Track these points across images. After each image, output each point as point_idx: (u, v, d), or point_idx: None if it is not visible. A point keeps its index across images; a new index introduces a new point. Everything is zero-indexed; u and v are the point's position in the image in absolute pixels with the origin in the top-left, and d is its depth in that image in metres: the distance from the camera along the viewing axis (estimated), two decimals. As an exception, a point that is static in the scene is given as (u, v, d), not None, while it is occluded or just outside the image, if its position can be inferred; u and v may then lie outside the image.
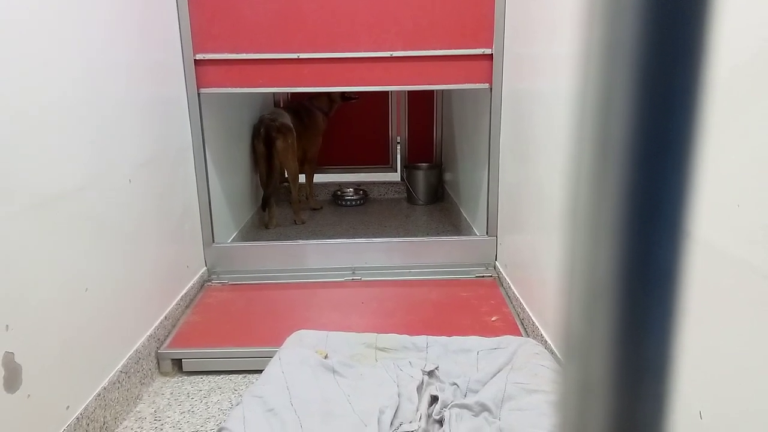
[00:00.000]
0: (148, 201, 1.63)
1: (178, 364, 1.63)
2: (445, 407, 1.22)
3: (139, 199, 1.58)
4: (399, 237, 2.52)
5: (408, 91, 3.45)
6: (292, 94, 3.35)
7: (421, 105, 3.49)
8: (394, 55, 1.98)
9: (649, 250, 0.14)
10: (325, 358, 1.41)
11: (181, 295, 1.86)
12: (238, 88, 2.01)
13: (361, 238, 2.25)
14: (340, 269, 2.14)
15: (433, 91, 3.43)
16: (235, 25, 1.95)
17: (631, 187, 0.15)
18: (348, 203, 3.31)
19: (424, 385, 1.30)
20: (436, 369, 1.38)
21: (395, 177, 3.56)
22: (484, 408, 1.21)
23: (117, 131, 1.46)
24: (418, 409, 1.22)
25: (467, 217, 2.66)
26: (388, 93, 3.48)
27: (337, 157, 3.53)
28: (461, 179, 2.86)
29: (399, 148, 3.56)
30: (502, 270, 2.07)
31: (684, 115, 0.15)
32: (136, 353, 1.50)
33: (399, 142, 3.55)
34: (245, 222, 2.71)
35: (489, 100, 2.04)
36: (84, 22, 1.31)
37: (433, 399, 1.25)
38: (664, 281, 0.15)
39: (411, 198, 3.34)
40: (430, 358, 1.44)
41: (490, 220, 2.16)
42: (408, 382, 1.30)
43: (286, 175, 2.88)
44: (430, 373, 1.35)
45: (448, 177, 3.30)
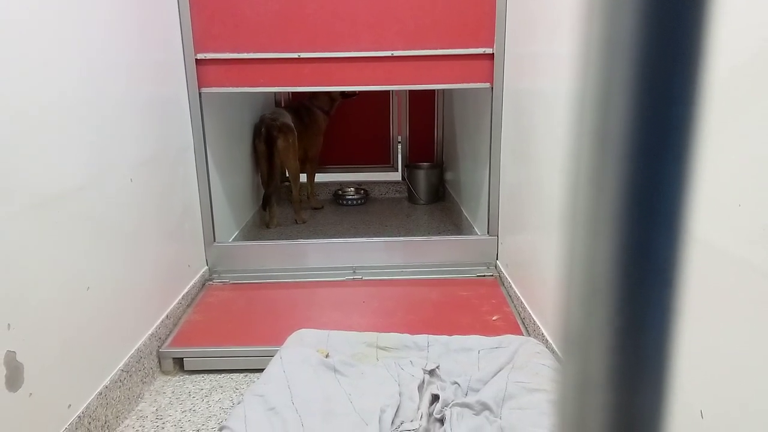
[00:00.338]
0: (148, 200, 1.64)
1: (180, 363, 1.63)
2: (446, 406, 1.22)
3: (140, 199, 1.58)
4: (400, 236, 2.52)
5: (409, 90, 3.45)
6: (293, 93, 3.36)
7: (422, 104, 3.49)
8: (395, 54, 1.98)
9: (648, 247, 0.14)
10: (326, 357, 1.41)
11: (182, 294, 1.86)
12: (239, 88, 2.01)
13: (362, 238, 2.25)
14: (341, 268, 2.14)
15: (434, 90, 3.43)
16: (236, 24, 1.95)
17: (630, 184, 0.15)
18: (349, 203, 3.31)
19: (425, 384, 1.30)
20: (437, 368, 1.38)
21: (396, 176, 3.56)
22: (485, 407, 1.21)
23: (117, 131, 1.46)
24: (419, 408, 1.22)
25: (468, 217, 2.66)
26: (389, 92, 3.48)
27: (338, 156, 3.53)
28: (462, 179, 2.86)
29: (400, 147, 3.56)
30: (503, 269, 2.07)
31: (683, 113, 0.15)
32: (137, 352, 1.50)
33: (400, 142, 3.56)
34: (246, 221, 2.71)
35: (490, 99, 2.04)
36: (84, 22, 1.31)
37: (434, 398, 1.25)
38: (663, 277, 0.15)
39: (412, 197, 3.34)
40: (431, 357, 1.44)
41: (491, 219, 2.16)
42: (409, 381, 1.30)
43: (287, 175, 2.88)
44: (431, 372, 1.35)
45: (449, 176, 3.30)
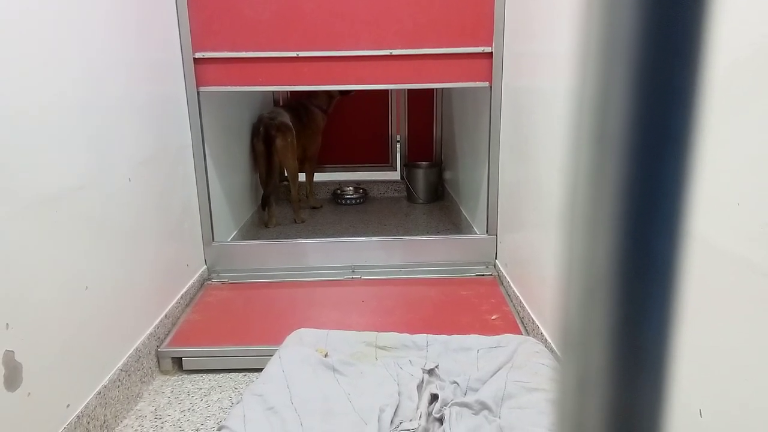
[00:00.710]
0: (147, 200, 1.63)
1: (179, 363, 1.63)
2: (445, 405, 1.22)
3: (139, 198, 1.58)
4: (399, 236, 2.52)
5: (408, 89, 3.45)
6: (292, 92, 3.35)
7: (421, 103, 3.49)
8: (393, 53, 1.98)
9: (647, 245, 0.14)
10: (325, 356, 1.41)
11: (181, 294, 1.86)
12: (238, 87, 2.01)
13: (361, 237, 2.25)
14: (340, 268, 2.14)
15: (432, 89, 3.43)
16: (235, 23, 1.94)
17: (629, 182, 0.15)
18: (348, 202, 3.31)
19: (425, 383, 1.30)
20: (436, 367, 1.38)
21: (395, 176, 3.56)
22: (484, 406, 1.21)
23: (116, 130, 1.46)
24: (418, 408, 1.22)
25: (467, 216, 2.66)
26: (387, 91, 3.47)
27: (337, 155, 3.53)
28: (461, 178, 2.86)
29: (399, 146, 3.56)
30: (502, 268, 2.07)
31: (682, 111, 0.15)
32: (136, 352, 1.50)
33: (399, 141, 3.55)
34: (245, 221, 2.71)
35: (489, 98, 2.04)
36: (83, 22, 1.31)
37: (433, 397, 1.25)
38: (662, 275, 0.15)
39: (411, 196, 3.34)
40: (430, 357, 1.44)
41: (490, 218, 2.16)
42: (408, 381, 1.30)
43: (286, 174, 2.88)
44: (430, 372, 1.35)
45: (447, 175, 3.30)
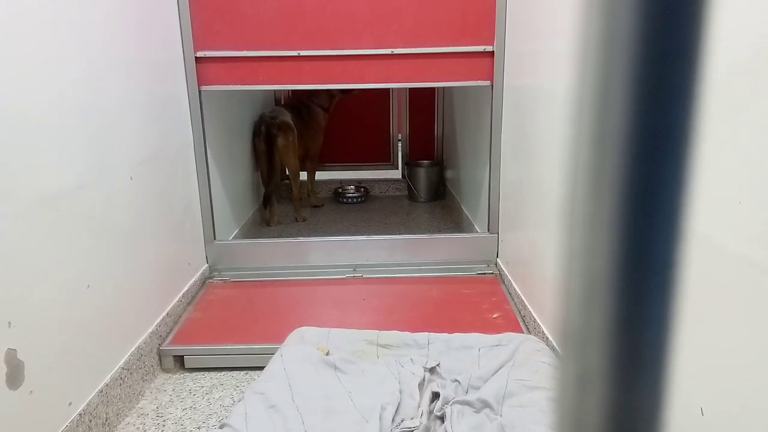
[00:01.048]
0: (149, 199, 1.64)
1: (180, 361, 1.63)
2: (446, 404, 1.22)
3: (140, 197, 1.58)
4: (400, 234, 2.52)
5: (409, 88, 3.45)
6: (293, 91, 3.35)
7: (422, 102, 3.49)
8: (395, 52, 1.97)
9: (647, 243, 0.14)
10: (327, 354, 1.41)
11: (182, 292, 1.86)
12: (239, 86, 2.01)
13: (362, 236, 2.25)
14: (341, 266, 2.14)
15: (434, 88, 3.43)
16: (236, 22, 1.94)
17: (629, 180, 0.15)
18: (349, 200, 3.31)
19: (426, 381, 1.30)
20: (438, 366, 1.38)
21: (396, 174, 3.56)
22: (486, 404, 1.21)
23: (117, 129, 1.46)
24: (419, 406, 1.22)
25: (468, 215, 2.66)
26: (389, 90, 3.47)
27: (339, 154, 3.53)
28: (462, 176, 2.86)
29: (400, 145, 3.56)
30: (503, 267, 2.07)
31: (682, 110, 0.15)
32: (137, 350, 1.51)
33: (400, 140, 3.55)
34: (246, 219, 2.71)
35: (490, 97, 2.04)
36: (84, 21, 1.31)
37: (435, 395, 1.25)
38: (662, 272, 0.15)
39: (412, 195, 3.34)
40: (431, 355, 1.44)
41: (491, 217, 2.16)
42: (409, 379, 1.31)
43: (287, 173, 2.88)
44: (432, 370, 1.35)
45: (449, 174, 3.30)
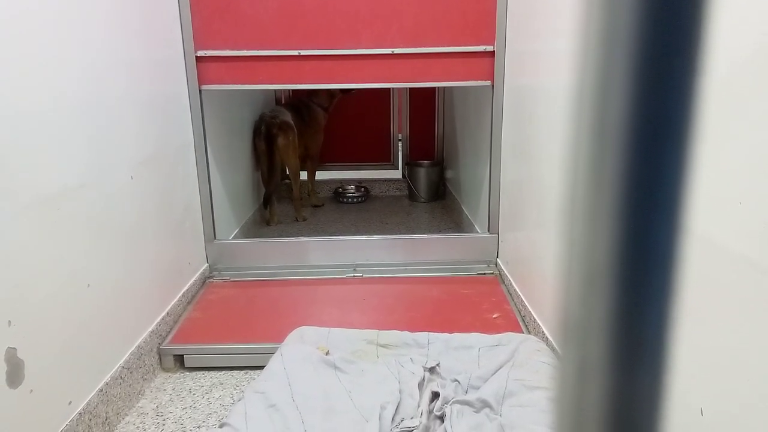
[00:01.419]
0: (149, 198, 1.64)
1: (180, 360, 1.63)
2: (446, 403, 1.22)
3: (141, 196, 1.58)
4: (400, 234, 2.52)
5: (409, 88, 3.45)
6: (294, 90, 3.35)
7: (423, 102, 3.49)
8: (395, 52, 1.98)
9: (647, 235, 0.14)
10: (327, 354, 1.41)
11: (182, 292, 1.86)
12: (240, 85, 2.01)
13: (362, 236, 2.25)
14: (341, 266, 2.14)
15: (434, 88, 3.43)
16: (236, 21, 1.94)
17: (629, 177, 0.15)
18: (349, 200, 3.31)
19: (426, 381, 1.31)
20: (438, 365, 1.38)
21: (397, 174, 3.56)
22: (485, 404, 1.21)
23: (118, 129, 1.46)
24: (419, 405, 1.22)
25: (468, 215, 2.66)
26: (389, 90, 3.47)
27: (339, 154, 3.53)
28: (463, 176, 2.86)
29: (401, 145, 3.56)
30: (503, 267, 2.07)
31: (681, 108, 0.15)
32: (138, 349, 1.51)
33: (401, 140, 3.55)
34: (246, 219, 2.71)
35: (491, 96, 2.04)
36: (84, 20, 1.31)
37: (435, 395, 1.25)
38: (662, 264, 0.15)
39: (412, 195, 3.34)
40: (431, 355, 1.44)
41: (491, 217, 2.16)
42: (409, 379, 1.31)
43: (287, 173, 2.88)
44: (432, 370, 1.35)
45: (449, 174, 3.30)
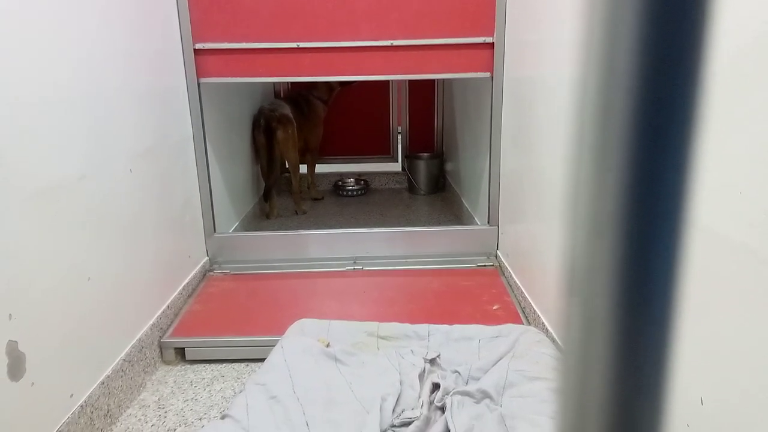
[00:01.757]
0: (148, 191, 1.63)
1: (181, 353, 1.64)
2: (446, 394, 1.22)
3: (140, 189, 1.58)
4: (400, 227, 2.52)
5: (409, 80, 3.44)
6: (293, 84, 3.34)
7: (422, 94, 3.48)
8: (394, 44, 1.97)
9: (655, 176, 0.14)
10: (327, 346, 1.42)
11: (183, 285, 1.86)
12: (238, 78, 2.00)
13: (362, 228, 2.25)
14: (341, 259, 2.14)
15: (434, 80, 3.42)
16: (235, 14, 1.93)
17: (632, 167, 0.15)
18: (349, 193, 3.30)
19: (426, 372, 1.31)
20: (438, 357, 1.38)
21: (396, 167, 3.56)
22: (486, 395, 1.21)
23: (116, 121, 1.46)
24: (420, 396, 1.22)
25: (468, 207, 2.66)
26: (388, 83, 3.46)
27: (339, 147, 3.52)
28: (462, 169, 2.85)
29: (400, 138, 3.55)
30: (503, 259, 2.07)
31: (685, 97, 0.14)
32: (139, 342, 1.51)
33: (400, 132, 3.55)
34: (246, 212, 2.71)
35: (490, 88, 2.03)
36: (80, 10, 1.30)
37: (435, 386, 1.26)
38: (668, 214, 0.14)
39: (412, 188, 3.34)
40: (431, 346, 1.44)
41: (491, 209, 2.16)
42: (410, 370, 1.31)
43: (287, 166, 2.88)
44: (432, 361, 1.35)
45: (449, 167, 3.30)
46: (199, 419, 1.36)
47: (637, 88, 0.14)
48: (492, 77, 2.01)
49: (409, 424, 1.14)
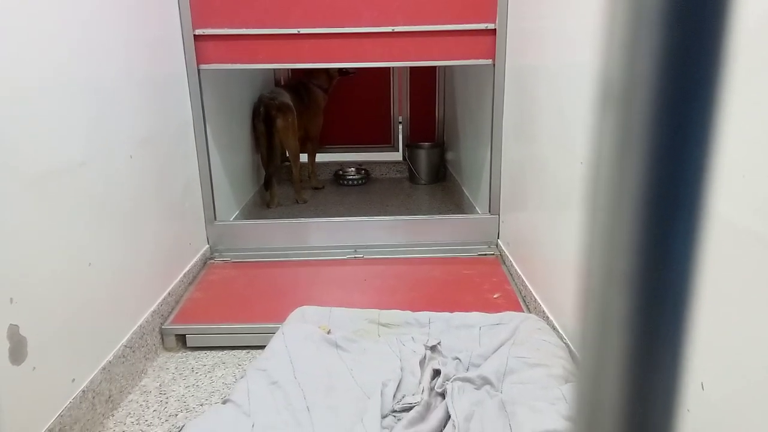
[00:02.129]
0: (148, 178, 1.63)
1: (182, 340, 1.64)
2: (447, 380, 1.22)
3: (140, 176, 1.57)
4: (401, 215, 2.52)
5: (410, 69, 3.42)
6: (293, 72, 3.32)
7: (423, 83, 3.46)
8: (395, 30, 1.95)
9: (677, 163, 0.14)
10: (328, 333, 1.42)
11: (184, 272, 1.86)
12: (238, 64, 1.99)
13: (363, 217, 2.25)
14: (342, 247, 2.14)
15: (435, 68, 3.40)
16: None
17: (655, 149, 0.14)
18: (350, 183, 3.30)
19: (427, 359, 1.31)
20: (439, 344, 1.38)
21: (397, 156, 3.55)
22: (486, 381, 1.22)
23: (116, 106, 1.45)
24: (420, 382, 1.23)
25: (469, 196, 2.65)
26: (389, 71, 3.44)
27: (339, 136, 3.51)
28: (463, 158, 2.85)
29: (401, 127, 3.54)
30: (504, 248, 2.07)
31: (708, 82, 0.14)
32: (140, 328, 1.51)
33: (401, 122, 3.53)
34: (246, 201, 2.70)
35: (492, 76, 2.02)
36: (81, -6, 1.29)
37: (436, 373, 1.26)
38: (687, 213, 0.14)
39: (413, 177, 3.33)
40: (432, 334, 1.45)
41: (492, 198, 2.15)
42: (410, 357, 1.31)
43: (287, 155, 2.87)
44: (433, 348, 1.35)
45: (450, 156, 3.29)
46: (201, 405, 1.37)
47: (660, 71, 0.14)
48: (494, 64, 2.00)
49: (409, 409, 1.14)
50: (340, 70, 3.03)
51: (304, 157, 3.07)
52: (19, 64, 1.07)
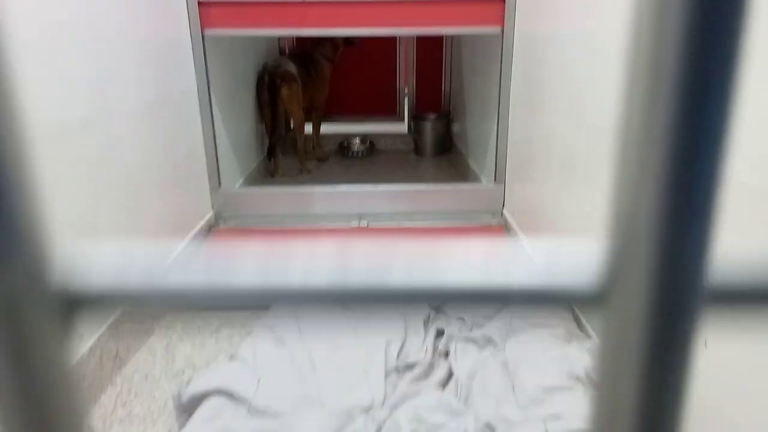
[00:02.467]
0: (153, 142, 1.62)
1: (188, 303, 1.65)
2: (450, 340, 1.24)
3: (144, 140, 1.57)
4: (406, 183, 2.51)
5: (416, 39, 3.37)
6: (298, 41, 3.29)
7: (430, 53, 3.42)
8: (403, -5, 1.92)
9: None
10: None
11: (188, 238, 1.87)
12: (243, 30, 1.96)
13: (368, 185, 2.25)
14: (346, 216, 2.14)
15: (441, 39, 3.35)
16: (240, -38, 1.89)
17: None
18: (354, 154, 3.29)
19: (431, 319, 1.32)
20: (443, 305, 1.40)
21: (402, 128, 3.52)
22: (489, 341, 1.23)
23: (119, 69, 1.44)
24: (424, 342, 1.24)
25: (475, 168, 2.64)
26: (395, 41, 3.40)
27: (344, 106, 3.48)
28: (470, 129, 2.83)
29: (407, 100, 3.51)
30: (509, 217, 2.07)
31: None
32: (146, 290, 1.52)
33: (407, 93, 3.50)
34: (251, 171, 2.70)
35: (500, 45, 1.99)
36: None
37: (440, 332, 1.27)
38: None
39: (418, 149, 3.31)
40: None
41: (498, 168, 2.14)
42: (415, 316, 1.32)
43: (292, 125, 2.85)
44: (437, 309, 1.36)
45: (456, 128, 3.26)
46: (207, 363, 1.39)
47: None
48: (503, 32, 1.97)
49: (413, 367, 1.16)
50: (346, 40, 2.99)
51: (308, 128, 3.05)
52: (15, 19, 1.06)
